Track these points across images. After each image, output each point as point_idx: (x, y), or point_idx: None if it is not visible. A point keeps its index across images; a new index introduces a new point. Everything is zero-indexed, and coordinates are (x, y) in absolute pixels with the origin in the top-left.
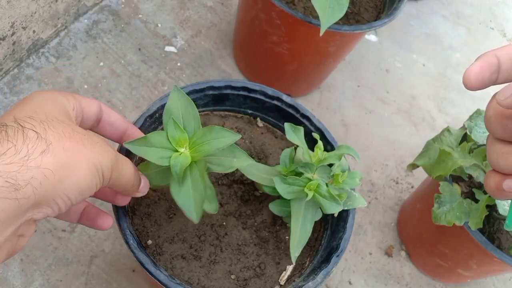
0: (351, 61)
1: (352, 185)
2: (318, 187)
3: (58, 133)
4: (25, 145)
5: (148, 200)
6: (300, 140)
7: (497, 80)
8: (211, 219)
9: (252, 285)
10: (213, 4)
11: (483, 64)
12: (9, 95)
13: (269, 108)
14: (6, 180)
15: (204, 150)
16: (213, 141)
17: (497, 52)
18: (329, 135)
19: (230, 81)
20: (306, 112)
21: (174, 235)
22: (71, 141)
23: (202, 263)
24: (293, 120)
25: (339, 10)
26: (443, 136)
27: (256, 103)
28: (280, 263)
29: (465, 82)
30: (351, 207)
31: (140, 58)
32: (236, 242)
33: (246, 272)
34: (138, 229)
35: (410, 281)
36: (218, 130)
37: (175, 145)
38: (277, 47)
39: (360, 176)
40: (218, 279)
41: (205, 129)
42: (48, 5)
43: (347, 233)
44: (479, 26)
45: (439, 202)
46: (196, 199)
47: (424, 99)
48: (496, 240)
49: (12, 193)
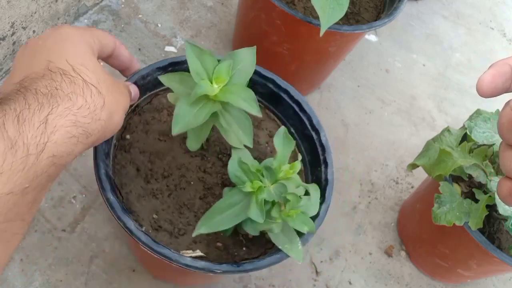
0: (351, 61)
1: (298, 226)
2: (260, 189)
3: (106, 86)
4: (92, 101)
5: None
6: (283, 151)
7: (510, 88)
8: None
9: None
10: (213, 4)
11: (495, 72)
12: None
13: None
14: (84, 129)
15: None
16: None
17: (509, 60)
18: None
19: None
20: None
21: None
22: (113, 94)
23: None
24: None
25: (339, 10)
26: (443, 136)
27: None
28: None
29: (479, 89)
30: (285, 250)
31: (140, 58)
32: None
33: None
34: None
35: (410, 281)
36: (249, 93)
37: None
38: (277, 47)
39: (312, 229)
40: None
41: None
42: (48, 5)
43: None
44: (479, 26)
45: (439, 202)
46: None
47: (424, 99)
48: (496, 240)
49: (86, 139)
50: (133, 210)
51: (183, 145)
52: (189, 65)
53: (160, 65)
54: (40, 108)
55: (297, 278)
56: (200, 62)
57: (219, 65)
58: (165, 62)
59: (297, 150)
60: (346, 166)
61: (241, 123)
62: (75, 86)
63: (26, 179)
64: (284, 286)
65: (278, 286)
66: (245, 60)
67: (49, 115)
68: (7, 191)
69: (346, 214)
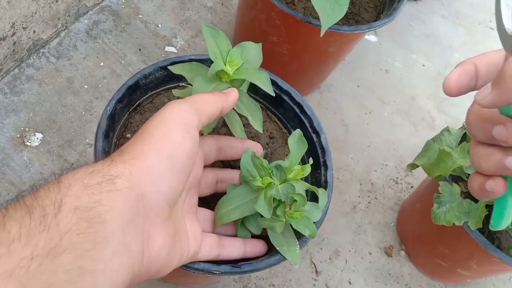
0: (351, 61)
1: (301, 228)
2: (270, 186)
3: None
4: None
5: None
6: (296, 152)
7: (476, 86)
8: None
9: None
10: (213, 5)
11: (461, 71)
12: (10, 95)
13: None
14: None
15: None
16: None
17: (474, 60)
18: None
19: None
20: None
21: None
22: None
23: None
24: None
25: (339, 11)
26: (443, 136)
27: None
28: None
29: (445, 88)
30: (282, 252)
31: (140, 59)
32: None
33: None
34: None
35: (410, 281)
36: (264, 74)
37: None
38: (277, 47)
39: (314, 234)
40: None
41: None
42: (49, 5)
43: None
44: (478, 26)
45: (439, 202)
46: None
47: (424, 99)
48: (495, 240)
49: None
50: None
51: None
52: (207, 44)
53: (163, 64)
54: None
55: (297, 277)
56: (216, 43)
57: (233, 49)
58: (167, 62)
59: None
60: (346, 166)
61: (251, 110)
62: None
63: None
64: (284, 286)
65: (278, 286)
66: (252, 52)
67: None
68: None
69: (346, 214)
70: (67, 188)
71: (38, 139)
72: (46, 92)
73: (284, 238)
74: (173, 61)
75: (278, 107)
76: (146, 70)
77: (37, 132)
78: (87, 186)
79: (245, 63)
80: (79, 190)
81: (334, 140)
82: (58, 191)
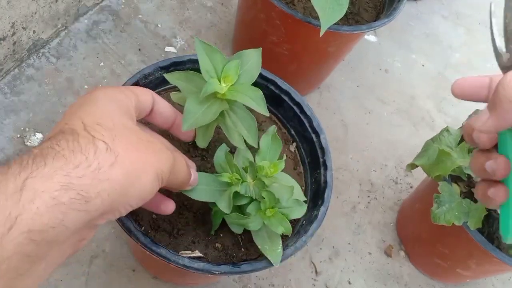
0: (350, 61)
1: (274, 226)
2: (236, 182)
3: (125, 143)
4: (95, 158)
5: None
6: (266, 149)
7: (482, 98)
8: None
9: None
10: (213, 4)
11: (478, 78)
12: (10, 95)
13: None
14: (79, 193)
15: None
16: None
17: (492, 76)
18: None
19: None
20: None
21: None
22: (137, 151)
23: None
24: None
25: (339, 11)
26: (442, 136)
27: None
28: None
29: (455, 88)
30: (263, 250)
31: (140, 59)
32: None
33: None
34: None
35: (409, 281)
36: (257, 93)
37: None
38: (277, 47)
39: (288, 232)
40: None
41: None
42: (48, 6)
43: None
44: (478, 26)
45: (438, 202)
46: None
47: (424, 99)
48: (495, 240)
49: (83, 205)
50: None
51: (183, 145)
52: (199, 62)
53: (162, 64)
54: (20, 172)
55: (297, 277)
56: (210, 60)
57: (228, 64)
58: (167, 62)
59: (297, 152)
60: (346, 166)
61: (246, 123)
62: (76, 143)
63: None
64: (283, 285)
65: (277, 285)
66: (251, 60)
67: (28, 179)
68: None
69: (345, 214)
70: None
71: (38, 139)
72: (46, 92)
73: (268, 237)
74: (173, 61)
75: (278, 107)
76: (146, 70)
77: (37, 132)
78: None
79: (241, 75)
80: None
81: (333, 140)
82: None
